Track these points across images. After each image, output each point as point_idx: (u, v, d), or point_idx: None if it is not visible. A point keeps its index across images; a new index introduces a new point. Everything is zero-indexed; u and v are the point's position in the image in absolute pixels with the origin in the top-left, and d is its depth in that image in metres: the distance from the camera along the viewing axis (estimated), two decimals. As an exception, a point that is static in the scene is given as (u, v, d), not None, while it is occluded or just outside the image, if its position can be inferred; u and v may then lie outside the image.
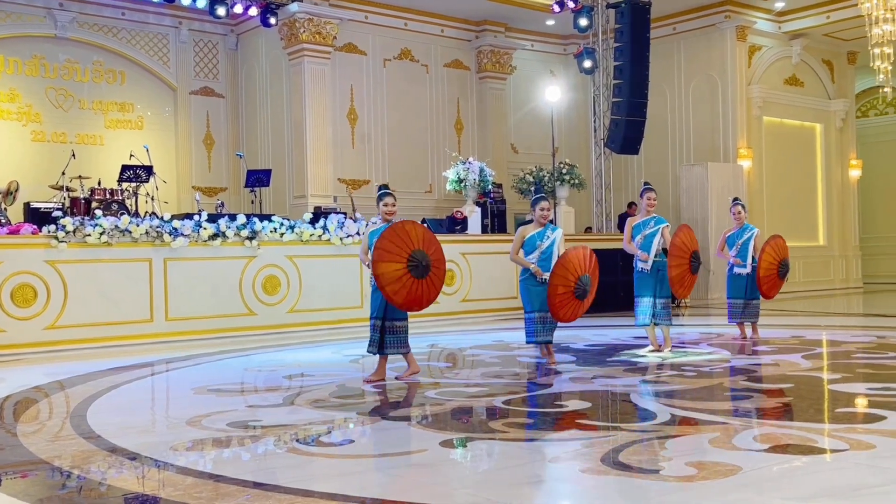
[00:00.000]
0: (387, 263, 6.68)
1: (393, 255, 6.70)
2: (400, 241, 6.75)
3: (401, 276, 6.72)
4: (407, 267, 6.74)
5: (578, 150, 19.06)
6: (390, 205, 7.12)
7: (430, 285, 6.91)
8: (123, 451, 4.69)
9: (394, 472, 4.17)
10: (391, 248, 6.70)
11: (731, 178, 16.71)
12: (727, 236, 9.53)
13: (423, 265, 6.79)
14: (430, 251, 6.88)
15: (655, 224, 8.34)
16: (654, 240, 8.29)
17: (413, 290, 6.80)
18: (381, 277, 6.68)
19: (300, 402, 6.16)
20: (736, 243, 9.39)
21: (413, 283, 6.78)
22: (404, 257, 6.73)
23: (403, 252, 6.74)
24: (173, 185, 16.13)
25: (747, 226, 9.44)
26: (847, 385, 6.40)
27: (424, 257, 6.81)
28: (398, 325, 7.03)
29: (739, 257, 9.37)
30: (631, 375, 7.08)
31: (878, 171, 21.67)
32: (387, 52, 17.01)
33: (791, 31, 18.19)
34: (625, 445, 4.49)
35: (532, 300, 7.68)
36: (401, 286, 6.74)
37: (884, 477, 3.82)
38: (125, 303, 10.40)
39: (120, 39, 16.24)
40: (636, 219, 8.55)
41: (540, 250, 7.66)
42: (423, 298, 6.89)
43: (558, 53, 19.51)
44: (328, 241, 12.02)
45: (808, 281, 18.76)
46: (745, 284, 9.35)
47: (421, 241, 6.85)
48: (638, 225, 8.43)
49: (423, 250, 6.82)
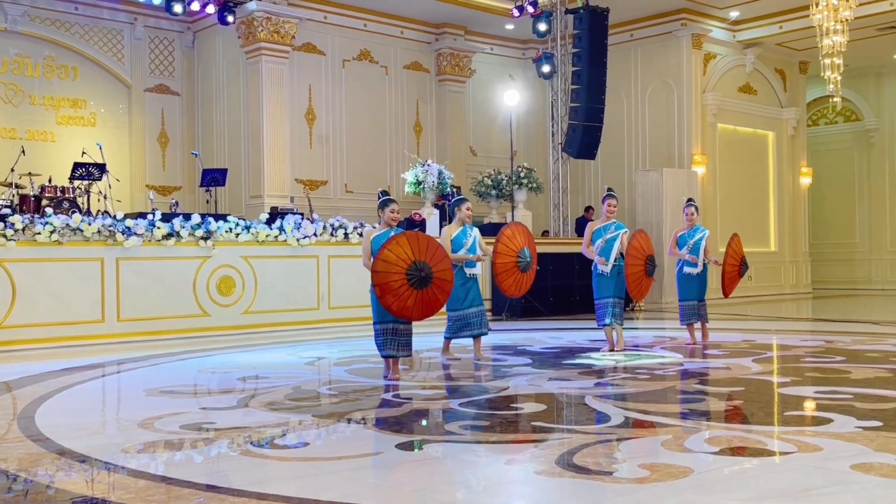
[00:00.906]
0: (385, 273, 6.74)
1: (391, 265, 6.74)
2: (401, 251, 6.80)
3: (398, 286, 6.77)
4: (406, 277, 6.78)
5: (536, 153, 19.18)
6: (396, 211, 7.24)
7: (432, 296, 6.95)
8: (73, 454, 4.60)
9: (349, 474, 4.16)
10: (391, 258, 6.76)
11: (686, 184, 16.93)
12: (678, 236, 9.48)
13: (422, 276, 6.84)
14: (432, 261, 6.94)
15: (616, 229, 8.55)
16: (614, 245, 8.47)
17: (419, 301, 6.86)
18: (379, 287, 6.77)
19: (254, 405, 6.11)
20: (687, 243, 9.34)
21: (412, 294, 6.83)
22: (403, 268, 6.78)
23: (403, 263, 6.78)
24: (127, 184, 15.90)
25: (698, 227, 9.41)
26: (796, 388, 6.52)
27: (425, 267, 6.87)
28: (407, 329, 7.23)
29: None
30: (586, 378, 7.14)
31: (828, 179, 22.14)
32: (346, 52, 16.95)
33: (745, 40, 18.51)
34: (579, 448, 4.53)
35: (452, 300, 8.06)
36: (396, 298, 6.78)
37: (830, 478, 3.90)
38: (76, 303, 10.22)
39: (73, 34, 15.97)
40: (596, 223, 8.72)
41: (466, 248, 8.10)
42: (432, 305, 6.98)
43: (517, 58, 19.62)
44: (284, 242, 11.94)
45: (760, 286, 19.09)
46: (696, 285, 9.33)
47: (424, 251, 6.90)
48: (598, 230, 8.61)
49: (425, 261, 6.88)
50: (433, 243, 7.08)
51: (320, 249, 12.32)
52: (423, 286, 6.85)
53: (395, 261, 6.75)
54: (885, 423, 5.06)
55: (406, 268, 6.78)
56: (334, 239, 12.45)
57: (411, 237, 6.97)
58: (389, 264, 6.75)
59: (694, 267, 9.30)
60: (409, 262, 6.80)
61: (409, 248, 6.83)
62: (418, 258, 6.85)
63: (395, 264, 6.75)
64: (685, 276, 9.39)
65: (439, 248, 7.13)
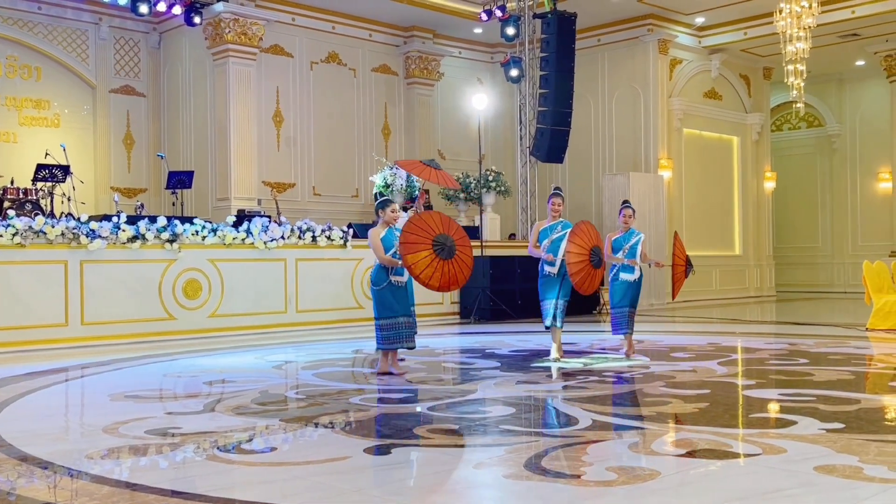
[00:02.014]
0: (414, 254, 7.08)
1: (418, 244, 7.09)
2: (420, 230, 7.14)
3: (431, 261, 7.12)
4: (433, 251, 7.13)
5: (504, 157, 19.24)
6: (397, 210, 7.61)
7: (460, 263, 7.31)
8: (34, 460, 4.53)
9: (316, 479, 4.13)
10: (415, 239, 7.09)
11: (652, 188, 17.08)
12: (613, 240, 8.73)
13: (448, 246, 7.20)
14: (451, 232, 7.30)
15: (563, 228, 8.24)
16: (561, 244, 8.16)
17: (446, 272, 7.20)
18: (414, 267, 7.07)
19: (221, 409, 6.06)
20: (623, 247, 8.66)
21: (444, 265, 7.19)
22: (429, 243, 7.13)
23: (427, 239, 7.14)
24: (91, 186, 15.69)
25: (633, 230, 8.72)
26: (761, 391, 6.60)
27: (448, 239, 7.23)
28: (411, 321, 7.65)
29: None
30: (554, 381, 7.17)
31: (791, 184, 22.45)
32: (314, 54, 16.89)
33: (710, 46, 18.71)
34: (547, 451, 4.55)
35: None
36: (433, 270, 7.12)
37: (795, 480, 3.96)
38: (39, 306, 10.08)
39: (36, 34, 15.74)
40: (543, 223, 8.42)
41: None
42: (457, 277, 7.32)
43: (486, 61, 19.67)
44: (252, 245, 11.86)
45: (725, 289, 19.30)
46: (632, 292, 8.66)
47: (440, 225, 7.26)
48: (545, 229, 8.32)
49: (445, 233, 7.24)
50: (451, 220, 7.44)
51: (288, 252, 12.25)
52: (449, 257, 7.21)
53: (423, 235, 7.13)
54: (847, 425, 5.14)
55: (432, 240, 7.15)
56: (302, 242, 12.39)
57: (427, 215, 7.33)
58: (417, 236, 7.12)
59: (631, 273, 8.63)
60: (433, 235, 7.17)
61: (434, 224, 7.23)
62: (441, 231, 7.22)
63: (423, 239, 7.12)
64: (620, 283, 8.67)
65: (456, 224, 7.47)
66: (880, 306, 11.33)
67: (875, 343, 10.13)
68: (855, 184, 21.84)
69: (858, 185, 21.81)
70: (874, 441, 4.70)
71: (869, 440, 4.72)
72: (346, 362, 9.04)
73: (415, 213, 7.46)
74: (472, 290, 13.86)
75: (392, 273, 7.48)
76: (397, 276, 7.49)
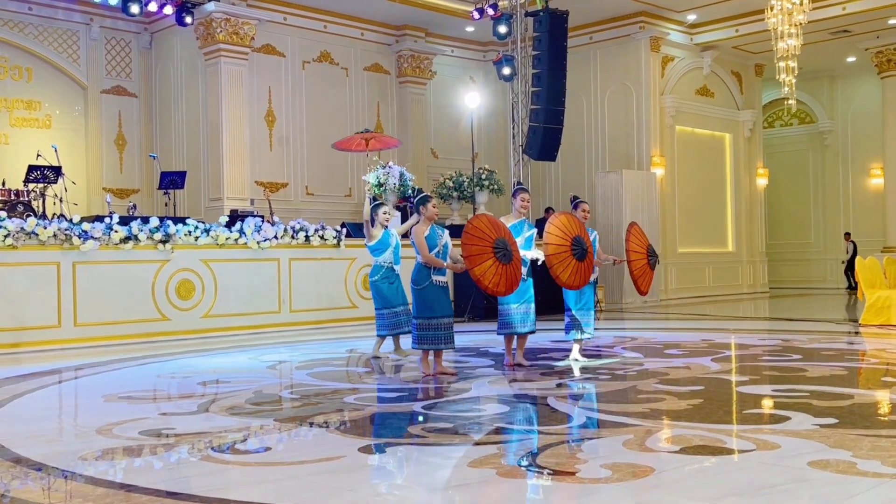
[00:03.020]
0: (480, 266, 7.01)
1: (482, 255, 7.03)
2: (478, 238, 7.07)
3: (496, 268, 7.06)
4: (496, 257, 7.05)
5: (497, 155, 19.24)
6: (436, 205, 7.53)
7: (516, 263, 7.23)
8: (28, 462, 4.52)
9: (311, 479, 4.13)
10: (477, 250, 7.02)
11: (645, 186, 17.10)
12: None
13: (507, 250, 7.12)
14: (503, 234, 7.22)
15: (528, 229, 7.90)
16: (532, 243, 7.84)
17: (508, 275, 7.15)
18: (483, 278, 7.01)
19: (215, 409, 6.05)
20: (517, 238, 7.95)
21: (506, 269, 7.13)
22: (490, 251, 7.05)
23: (487, 246, 7.07)
24: (83, 187, 15.66)
25: (588, 228, 8.08)
26: (754, 387, 6.62)
27: (505, 242, 7.15)
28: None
29: None
30: (547, 379, 7.17)
31: (784, 180, 22.51)
32: (306, 54, 16.87)
33: (702, 43, 18.74)
34: (542, 448, 4.55)
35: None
36: (499, 277, 7.08)
37: (788, 476, 3.97)
38: (31, 308, 10.04)
39: (27, 35, 15.69)
40: (510, 219, 7.79)
41: (391, 248, 8.71)
42: (516, 277, 7.25)
43: (478, 60, 19.67)
44: (245, 245, 11.84)
45: (718, 286, 19.34)
46: (587, 292, 8.09)
47: (492, 228, 7.17)
48: (515, 227, 7.73)
49: (502, 237, 7.15)
50: (497, 220, 7.36)
51: (281, 252, 12.23)
52: (509, 260, 7.12)
53: (482, 243, 7.06)
54: (841, 420, 5.15)
55: (492, 247, 7.06)
56: (295, 241, 12.37)
57: (477, 220, 7.22)
58: (478, 246, 7.05)
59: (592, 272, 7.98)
60: (492, 240, 7.08)
61: (487, 228, 7.15)
62: (496, 235, 7.14)
63: (484, 248, 7.05)
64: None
65: (502, 223, 7.38)
66: (872, 301, 11.37)
67: (868, 338, 10.17)
68: (847, 180, 21.92)
69: (850, 181, 21.89)
70: (867, 436, 4.72)
71: (862, 435, 4.74)
72: (340, 362, 9.03)
73: (468, 223, 7.20)
74: (465, 288, 13.85)
75: (434, 272, 7.33)
76: (439, 276, 7.35)
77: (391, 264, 8.76)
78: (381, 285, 8.71)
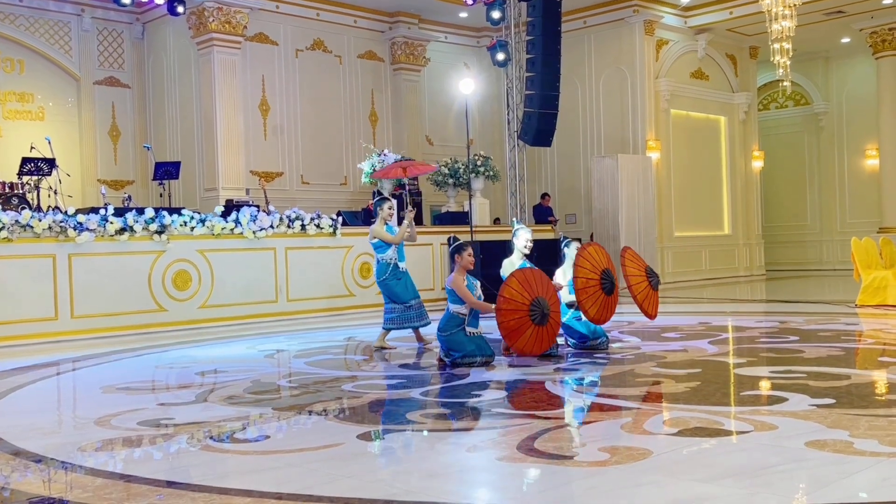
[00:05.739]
0: (522, 337, 7.03)
1: (520, 330, 7.02)
2: (513, 312, 7.00)
3: (531, 331, 7.05)
4: (532, 323, 7.02)
5: (493, 142, 19.22)
6: (471, 254, 7.32)
7: (551, 325, 7.19)
8: (28, 454, 4.52)
9: (310, 466, 4.14)
10: (515, 325, 7.00)
11: (641, 170, 17.08)
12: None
13: (544, 312, 7.06)
14: (540, 291, 7.11)
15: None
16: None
17: (538, 336, 7.09)
18: (525, 349, 7.08)
19: (213, 399, 6.05)
20: None
21: (536, 330, 7.07)
22: (527, 318, 7.01)
23: (524, 315, 7.01)
24: (77, 179, 15.61)
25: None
26: (751, 369, 6.64)
27: (545, 304, 7.07)
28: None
29: None
30: (545, 363, 7.18)
31: (779, 163, 22.50)
32: (299, 42, 16.80)
33: (696, 26, 18.69)
34: (540, 433, 4.56)
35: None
36: (534, 339, 7.08)
37: (786, 456, 3.98)
38: (28, 300, 10.03)
39: (18, 27, 15.60)
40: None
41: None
42: (546, 338, 7.18)
43: (472, 46, 19.61)
44: (241, 235, 11.82)
45: (714, 269, 19.36)
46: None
47: (539, 285, 7.11)
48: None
49: (542, 295, 7.07)
50: (543, 277, 7.24)
51: (277, 241, 12.22)
52: (542, 323, 7.05)
53: (519, 312, 6.99)
54: (837, 400, 5.17)
55: (528, 311, 7.00)
56: (291, 231, 12.36)
57: (522, 276, 7.12)
58: (515, 301, 6.99)
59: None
60: (530, 300, 7.00)
61: (525, 286, 7.05)
62: (537, 294, 7.04)
63: (520, 304, 6.99)
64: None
65: (550, 284, 7.30)
66: (869, 282, 11.39)
67: (864, 319, 10.19)
68: (842, 161, 21.90)
69: (846, 162, 21.88)
70: (864, 416, 4.73)
71: (859, 415, 4.75)
72: (338, 350, 9.04)
73: (512, 274, 7.10)
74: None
75: (469, 324, 7.16)
76: (472, 329, 7.17)
77: (395, 261, 8.58)
78: (391, 283, 8.54)
